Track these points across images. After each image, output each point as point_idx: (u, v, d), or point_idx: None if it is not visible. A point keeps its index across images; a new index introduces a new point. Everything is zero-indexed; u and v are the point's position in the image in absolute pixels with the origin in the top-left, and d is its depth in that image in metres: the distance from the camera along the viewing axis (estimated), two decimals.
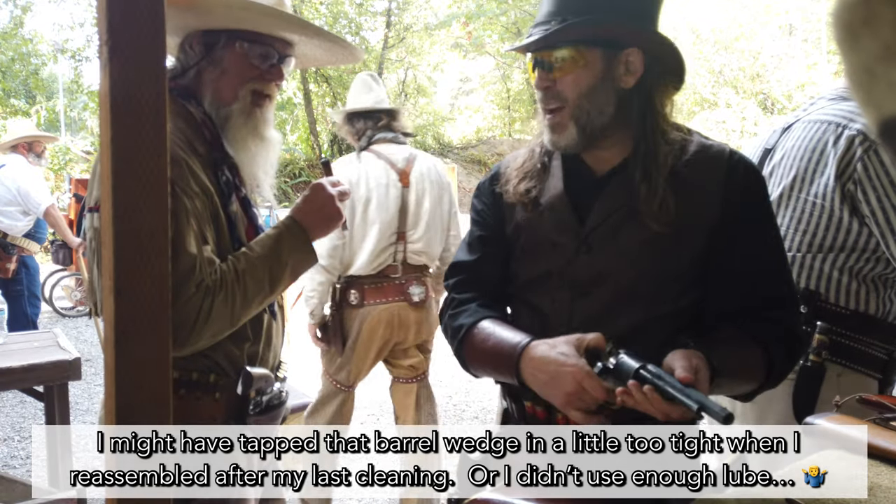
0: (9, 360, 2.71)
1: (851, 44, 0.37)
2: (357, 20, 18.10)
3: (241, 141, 1.40)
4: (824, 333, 1.56)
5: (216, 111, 1.38)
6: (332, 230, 1.43)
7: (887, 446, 1.24)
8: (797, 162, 1.61)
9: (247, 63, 1.37)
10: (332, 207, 1.40)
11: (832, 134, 1.56)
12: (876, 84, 0.37)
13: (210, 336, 1.26)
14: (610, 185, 1.21)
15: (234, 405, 1.37)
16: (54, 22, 20.49)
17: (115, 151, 0.74)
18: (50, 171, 12.21)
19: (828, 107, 1.65)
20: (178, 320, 1.19)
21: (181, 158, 1.26)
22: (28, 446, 4.10)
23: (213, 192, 1.31)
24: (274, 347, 1.47)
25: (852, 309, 1.59)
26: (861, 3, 0.36)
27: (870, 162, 1.49)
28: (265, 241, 1.35)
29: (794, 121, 1.73)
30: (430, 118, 19.90)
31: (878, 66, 0.36)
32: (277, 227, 1.38)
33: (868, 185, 1.49)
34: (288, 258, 1.35)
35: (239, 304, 1.27)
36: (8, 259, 4.83)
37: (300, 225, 1.38)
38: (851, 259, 1.57)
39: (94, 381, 5.25)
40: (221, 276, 1.25)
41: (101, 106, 0.76)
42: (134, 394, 0.76)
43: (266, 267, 1.31)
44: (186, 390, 1.32)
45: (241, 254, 1.32)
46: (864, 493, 1.13)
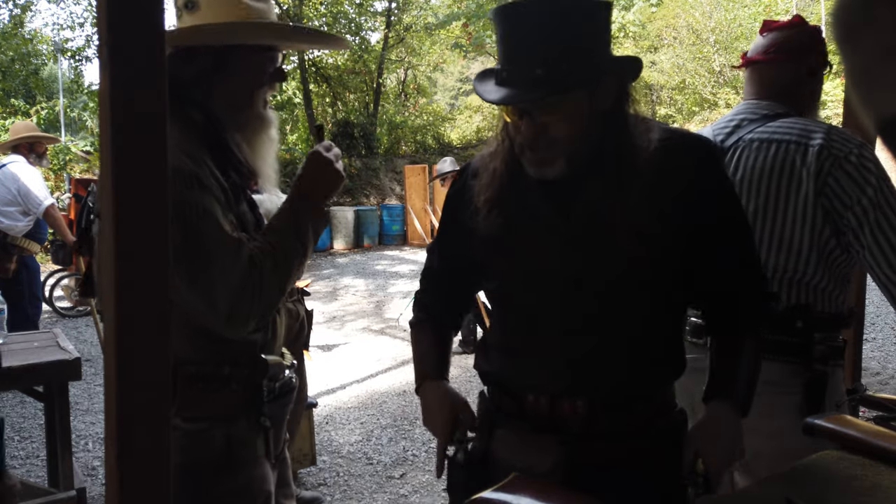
0: (9, 360, 2.71)
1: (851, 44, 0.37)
2: (357, 20, 18.07)
3: (257, 143, 1.47)
4: (822, 343, 1.60)
5: (230, 116, 1.42)
6: (336, 191, 1.49)
7: (887, 446, 1.24)
8: (764, 183, 1.63)
9: (259, 68, 1.43)
10: (331, 172, 1.44)
11: (797, 153, 1.60)
12: (876, 84, 0.37)
13: (268, 306, 1.35)
14: (586, 184, 1.20)
15: (249, 394, 1.42)
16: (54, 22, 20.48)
17: (115, 151, 0.74)
18: (50, 172, 12.20)
19: (770, 125, 1.68)
20: (238, 298, 1.27)
21: (199, 157, 1.31)
22: (28, 446, 4.10)
23: (227, 190, 1.36)
24: (280, 337, 1.52)
25: (835, 312, 1.65)
26: (861, 3, 0.36)
27: (839, 174, 1.54)
28: (280, 215, 1.41)
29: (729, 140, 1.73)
30: (430, 118, 19.88)
31: (878, 66, 0.36)
32: (287, 201, 1.43)
33: (842, 195, 1.54)
34: (307, 221, 1.42)
35: (283, 270, 1.35)
36: (8, 259, 4.83)
37: (306, 196, 1.43)
38: (834, 270, 1.62)
39: (94, 381, 5.25)
40: (260, 249, 1.33)
41: (100, 106, 0.76)
42: (134, 394, 0.76)
43: (291, 233, 1.39)
44: (204, 384, 1.37)
45: (265, 229, 1.41)
46: (864, 493, 1.13)
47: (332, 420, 4.49)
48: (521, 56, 1.09)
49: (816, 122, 1.64)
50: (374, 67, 18.15)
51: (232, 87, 1.41)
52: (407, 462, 3.81)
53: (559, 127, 1.12)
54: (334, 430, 4.32)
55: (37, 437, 4.15)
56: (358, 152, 16.79)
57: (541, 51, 1.07)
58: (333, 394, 5.02)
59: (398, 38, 18.48)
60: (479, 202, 1.27)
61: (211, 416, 1.38)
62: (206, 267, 1.25)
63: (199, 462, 1.35)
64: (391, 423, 4.44)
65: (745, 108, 1.77)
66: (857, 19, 0.36)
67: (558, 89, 1.07)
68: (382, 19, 18.48)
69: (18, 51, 16.22)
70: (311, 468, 3.65)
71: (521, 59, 1.09)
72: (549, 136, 1.13)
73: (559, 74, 1.06)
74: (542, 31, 1.07)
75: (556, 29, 1.07)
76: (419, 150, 18.33)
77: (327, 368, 5.66)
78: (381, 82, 18.58)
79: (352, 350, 6.31)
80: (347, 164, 16.17)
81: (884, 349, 5.91)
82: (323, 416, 4.46)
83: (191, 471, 1.33)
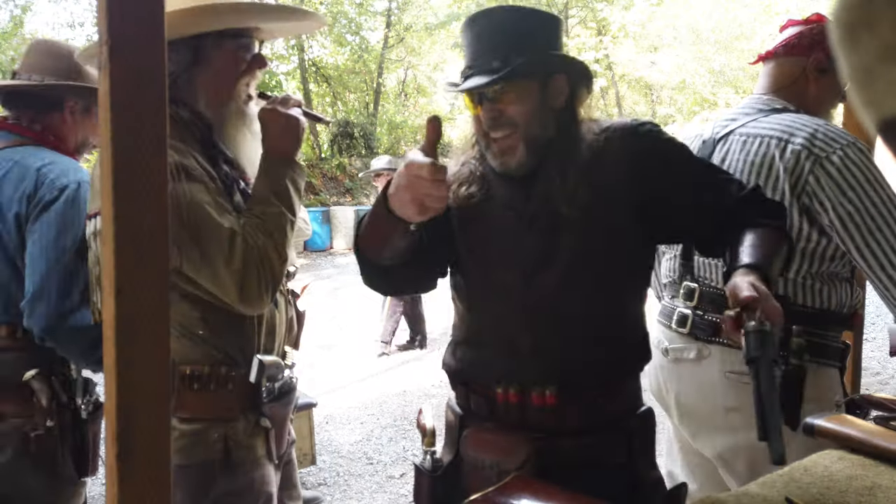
0: None
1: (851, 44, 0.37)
2: (357, 20, 18.09)
3: (240, 137, 1.45)
4: (800, 336, 1.58)
5: (213, 112, 1.42)
6: (302, 139, 1.48)
7: (887, 446, 1.25)
8: (746, 177, 1.63)
9: (236, 59, 1.42)
10: (288, 120, 1.43)
11: (776, 149, 1.59)
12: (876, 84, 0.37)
13: (275, 276, 1.35)
14: (538, 176, 1.30)
15: (247, 394, 1.41)
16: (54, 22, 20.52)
17: (115, 151, 0.74)
18: None
19: (762, 119, 1.67)
20: (245, 279, 1.29)
21: (185, 149, 1.32)
22: None
23: (219, 183, 1.36)
24: (278, 336, 1.51)
25: (818, 307, 1.63)
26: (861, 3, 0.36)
27: (820, 175, 1.53)
28: (258, 183, 1.41)
29: (723, 132, 1.74)
30: None
31: (878, 66, 0.36)
32: (259, 168, 1.42)
33: (823, 196, 1.53)
34: (283, 180, 1.41)
35: (276, 237, 1.35)
36: None
37: (275, 154, 1.42)
38: (815, 265, 1.61)
39: None
40: (250, 224, 1.34)
41: (101, 106, 0.76)
42: (134, 394, 0.76)
43: (272, 198, 1.38)
44: (200, 384, 1.36)
45: (248, 203, 1.40)
46: (864, 493, 1.14)
47: (332, 420, 4.50)
48: (482, 52, 1.26)
49: (809, 119, 1.62)
50: (374, 67, 18.17)
51: (213, 80, 1.40)
52: (407, 462, 3.81)
53: (514, 109, 1.26)
54: (334, 430, 4.33)
55: None
56: (358, 152, 16.80)
57: (498, 46, 1.24)
58: (333, 394, 5.02)
59: (398, 38, 18.49)
60: (452, 182, 1.33)
61: (208, 417, 1.37)
62: (206, 257, 1.27)
63: (196, 463, 1.34)
64: (391, 423, 4.45)
65: (747, 102, 1.78)
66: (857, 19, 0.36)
67: (511, 76, 1.22)
68: (382, 19, 18.48)
69: (18, 51, 16.24)
70: (311, 468, 3.65)
71: (481, 55, 1.25)
72: (506, 116, 1.26)
73: (512, 64, 1.22)
74: (500, 31, 1.26)
75: (513, 30, 1.25)
76: None
77: (327, 368, 5.66)
78: (381, 82, 18.59)
79: (352, 350, 6.31)
80: (347, 164, 16.19)
81: (884, 349, 5.90)
82: (323, 416, 4.47)
83: (188, 472, 1.33)
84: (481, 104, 1.28)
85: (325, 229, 13.52)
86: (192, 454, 1.35)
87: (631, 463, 1.30)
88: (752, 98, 1.78)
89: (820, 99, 1.74)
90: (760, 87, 1.79)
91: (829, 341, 1.65)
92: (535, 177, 1.30)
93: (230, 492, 1.38)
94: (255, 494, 1.41)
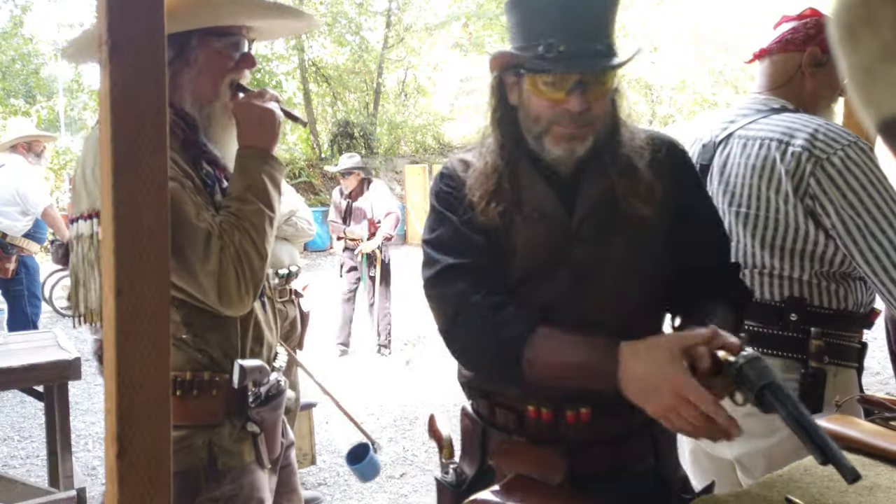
0: (9, 360, 2.71)
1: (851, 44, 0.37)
2: (357, 20, 18.07)
3: (227, 136, 1.42)
4: (820, 338, 1.57)
5: (198, 111, 1.39)
6: (279, 133, 1.43)
7: (887, 446, 1.25)
8: (748, 180, 1.62)
9: (221, 57, 1.38)
10: (262, 113, 1.39)
11: (777, 151, 1.57)
12: (876, 84, 0.37)
13: (256, 275, 1.31)
14: (585, 177, 1.22)
15: (232, 400, 1.38)
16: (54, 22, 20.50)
17: (115, 151, 0.74)
18: (50, 171, 12.20)
19: (761, 121, 1.66)
20: (222, 280, 1.26)
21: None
22: (28, 446, 4.10)
23: (198, 182, 1.33)
24: (266, 339, 1.47)
25: (836, 308, 1.61)
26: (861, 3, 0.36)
27: (822, 177, 1.51)
28: (234, 180, 1.36)
29: (722, 135, 1.72)
30: (430, 118, 19.86)
31: (877, 66, 0.36)
32: (235, 164, 1.38)
33: (825, 198, 1.51)
34: (259, 175, 1.36)
35: (254, 236, 1.31)
36: (7, 259, 4.83)
37: (252, 149, 1.38)
38: (826, 264, 1.59)
39: (94, 381, 5.24)
40: (226, 222, 1.29)
41: (101, 106, 0.76)
42: (134, 394, 0.76)
43: (249, 194, 1.33)
44: (182, 391, 1.33)
45: (224, 200, 1.35)
46: (864, 493, 1.13)
47: (332, 420, 4.49)
48: (580, 32, 1.12)
49: (808, 119, 1.59)
50: (373, 67, 18.15)
51: (197, 79, 1.37)
52: (407, 462, 3.81)
53: (600, 104, 1.17)
54: (334, 430, 4.32)
55: (37, 436, 4.15)
56: (358, 152, 16.79)
57: (600, 28, 1.14)
58: (333, 394, 5.00)
59: (398, 38, 18.48)
60: (474, 197, 1.22)
61: (191, 424, 1.34)
62: (182, 258, 1.24)
63: (181, 470, 1.29)
64: (391, 423, 4.44)
65: (746, 102, 1.76)
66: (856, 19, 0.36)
67: (622, 63, 1.13)
68: (382, 19, 18.48)
69: (18, 51, 16.22)
70: (311, 468, 3.64)
71: (579, 34, 1.12)
72: (592, 112, 1.16)
73: (618, 51, 1.14)
74: (597, 11, 1.15)
75: (603, 9, 1.15)
76: (419, 150, 18.32)
77: (327, 368, 5.66)
78: (381, 82, 18.58)
79: (352, 350, 6.30)
80: None
81: (884, 349, 5.89)
82: (323, 416, 4.46)
83: (174, 479, 1.31)
84: (569, 94, 1.13)
85: (325, 229, 13.52)
86: (176, 461, 1.30)
87: (659, 465, 1.26)
88: (750, 98, 1.76)
89: (818, 94, 1.71)
90: (757, 85, 1.77)
91: (849, 342, 1.62)
92: (583, 176, 1.22)
93: (217, 499, 1.35)
94: (244, 501, 1.38)
